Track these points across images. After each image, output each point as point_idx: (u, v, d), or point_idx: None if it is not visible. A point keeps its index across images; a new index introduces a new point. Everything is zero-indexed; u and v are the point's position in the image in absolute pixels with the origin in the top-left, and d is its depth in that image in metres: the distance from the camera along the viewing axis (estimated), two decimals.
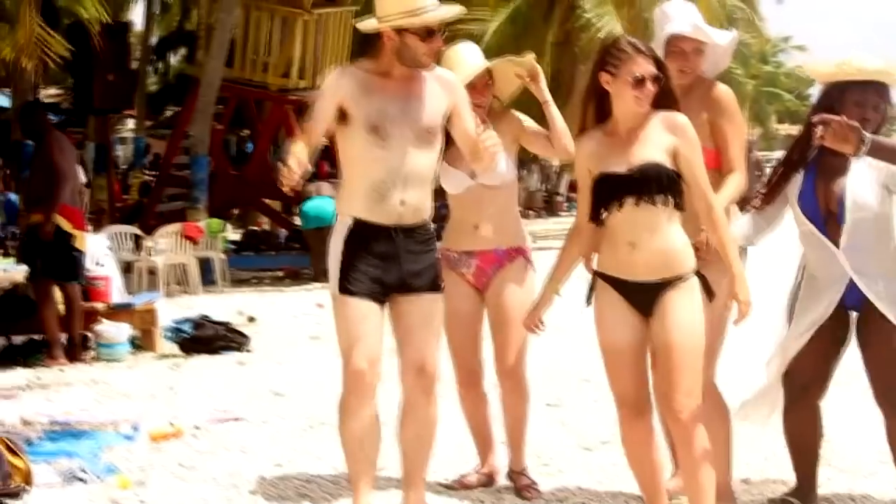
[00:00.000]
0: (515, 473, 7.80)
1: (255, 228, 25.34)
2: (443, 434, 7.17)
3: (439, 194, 7.17)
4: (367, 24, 6.94)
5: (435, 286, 6.85)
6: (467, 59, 7.78)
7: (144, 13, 36.01)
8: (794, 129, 79.17)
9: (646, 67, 6.29)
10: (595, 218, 6.46)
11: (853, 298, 7.05)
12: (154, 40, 38.31)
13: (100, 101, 24.34)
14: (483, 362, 7.98)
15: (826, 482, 7.60)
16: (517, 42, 32.56)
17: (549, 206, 55.29)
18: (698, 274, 6.44)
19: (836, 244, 7.01)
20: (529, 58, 7.78)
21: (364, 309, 6.71)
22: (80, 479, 8.07)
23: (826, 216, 7.08)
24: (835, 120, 6.51)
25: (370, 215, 6.70)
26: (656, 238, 6.36)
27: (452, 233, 7.77)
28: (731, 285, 6.41)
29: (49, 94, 33.47)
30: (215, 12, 24.61)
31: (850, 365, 7.42)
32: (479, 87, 7.56)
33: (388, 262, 6.72)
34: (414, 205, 6.69)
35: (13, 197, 20.65)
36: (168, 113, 37.91)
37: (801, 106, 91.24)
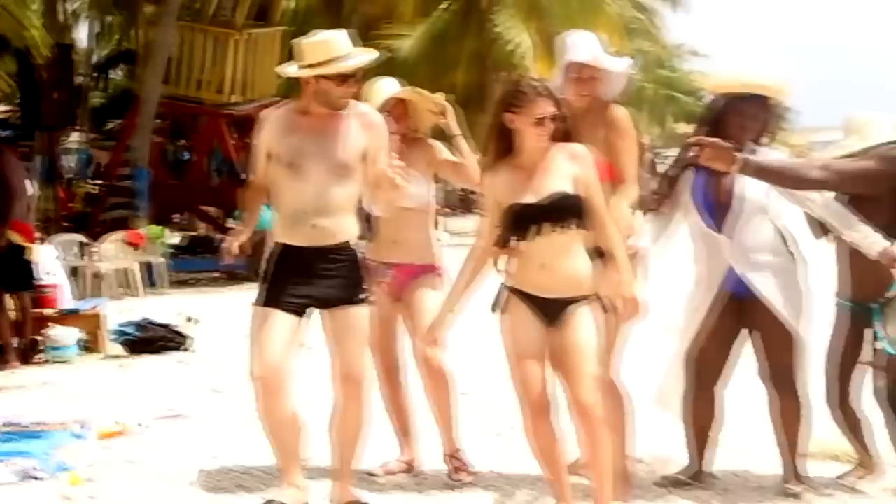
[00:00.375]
0: (448, 456, 7.89)
1: (194, 233, 25.33)
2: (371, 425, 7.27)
3: None
4: (288, 70, 7.20)
5: (355, 299, 6.95)
6: (383, 90, 7.89)
7: (88, 33, 35.95)
8: (691, 128, 79.79)
9: (545, 108, 6.47)
10: (504, 244, 6.64)
11: (744, 288, 7.27)
12: (97, 58, 38.16)
13: (46, 119, 24.39)
14: (399, 359, 8.11)
15: (712, 460, 7.77)
16: (435, 55, 32.71)
17: (465, 205, 55.40)
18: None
19: (726, 235, 7.26)
20: (439, 96, 7.91)
21: (271, 318, 6.91)
22: (34, 478, 8.09)
23: (716, 208, 7.31)
24: (708, 142, 6.74)
25: (290, 239, 6.94)
26: (565, 261, 6.57)
27: (376, 246, 7.83)
28: (618, 286, 6.64)
29: None
30: (153, 33, 24.61)
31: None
32: (396, 116, 7.67)
33: (306, 280, 6.92)
34: (330, 230, 6.85)
35: None
36: (111, 125, 37.69)
37: (696, 106, 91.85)
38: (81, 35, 36.92)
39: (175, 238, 24.39)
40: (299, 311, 6.94)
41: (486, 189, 6.81)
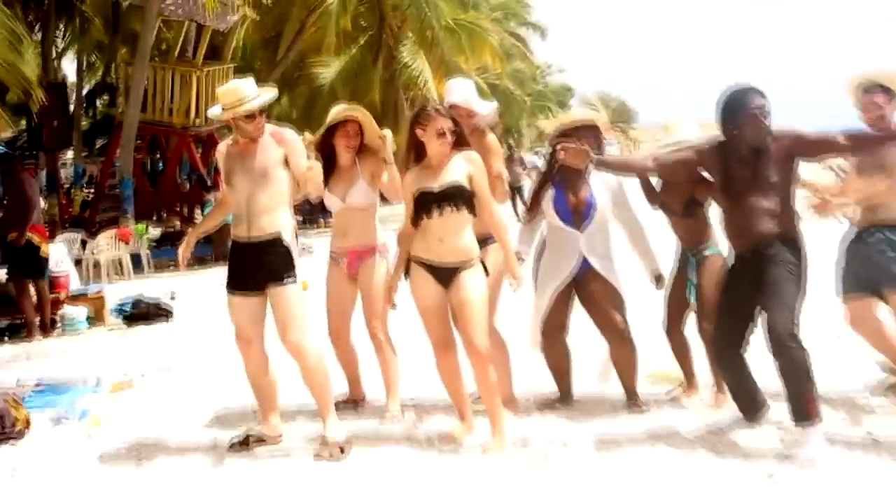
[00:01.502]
0: (387, 413, 7.84)
1: (170, 228, 25.22)
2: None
3: None
4: (211, 113, 7.38)
5: (280, 280, 6.97)
6: (336, 108, 7.90)
7: (77, 69, 35.63)
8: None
9: (445, 123, 6.76)
10: (416, 223, 6.90)
11: (587, 266, 7.59)
12: (85, 90, 37.89)
13: (47, 142, 24.26)
14: (348, 324, 8.12)
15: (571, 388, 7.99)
16: (354, 80, 32.30)
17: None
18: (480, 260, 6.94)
19: (581, 231, 7.55)
20: (385, 132, 7.81)
21: (236, 301, 7.12)
22: (64, 422, 8.26)
23: (574, 215, 7.58)
24: (571, 146, 7.05)
25: (236, 236, 7.11)
26: (456, 236, 6.82)
27: (333, 237, 8.01)
28: (507, 265, 6.93)
29: (6, 135, 33.05)
30: (131, 70, 24.54)
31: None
32: (350, 132, 7.78)
33: (246, 265, 7.06)
34: (259, 226, 6.97)
35: None
36: (98, 144, 37.45)
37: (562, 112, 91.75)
38: (70, 70, 36.69)
39: (155, 233, 24.29)
40: (252, 291, 7.05)
41: (406, 185, 7.01)
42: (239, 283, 7.11)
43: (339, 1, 28.05)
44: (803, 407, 6.38)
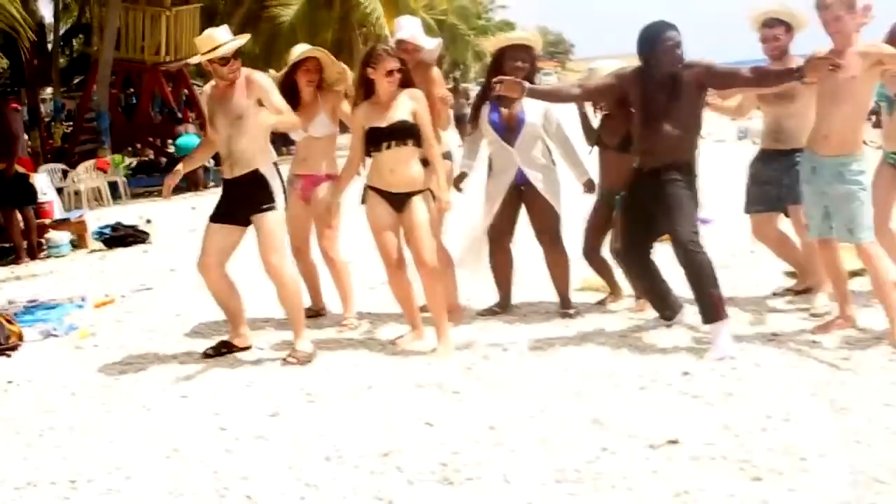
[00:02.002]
0: (342, 319, 7.97)
1: (144, 158, 25.09)
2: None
3: None
4: (190, 60, 7.37)
5: (263, 208, 6.95)
6: (297, 48, 7.95)
7: (53, 10, 35.19)
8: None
9: (393, 64, 6.81)
10: (368, 154, 7.03)
11: (522, 179, 7.64)
12: (62, 30, 37.38)
13: (29, 79, 24.03)
14: (308, 242, 8.15)
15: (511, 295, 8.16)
16: (311, 19, 31.94)
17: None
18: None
19: (512, 146, 7.60)
20: (344, 69, 7.91)
21: (211, 229, 7.13)
22: (54, 335, 8.31)
23: (506, 130, 7.62)
24: (506, 79, 7.10)
25: (222, 174, 7.19)
26: (405, 167, 6.93)
27: (292, 163, 7.99)
28: (438, 189, 6.99)
29: None
30: (104, 12, 24.30)
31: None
32: (311, 69, 7.75)
33: (231, 199, 7.10)
34: (239, 162, 6.96)
35: None
36: (76, 81, 36.99)
37: None
38: (47, 11, 36.19)
39: (131, 162, 24.16)
40: (231, 222, 7.08)
41: (355, 119, 7.06)
42: (222, 215, 7.14)
43: None
44: (711, 307, 6.56)
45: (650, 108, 6.75)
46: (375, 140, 6.96)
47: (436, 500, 4.55)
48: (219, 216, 7.16)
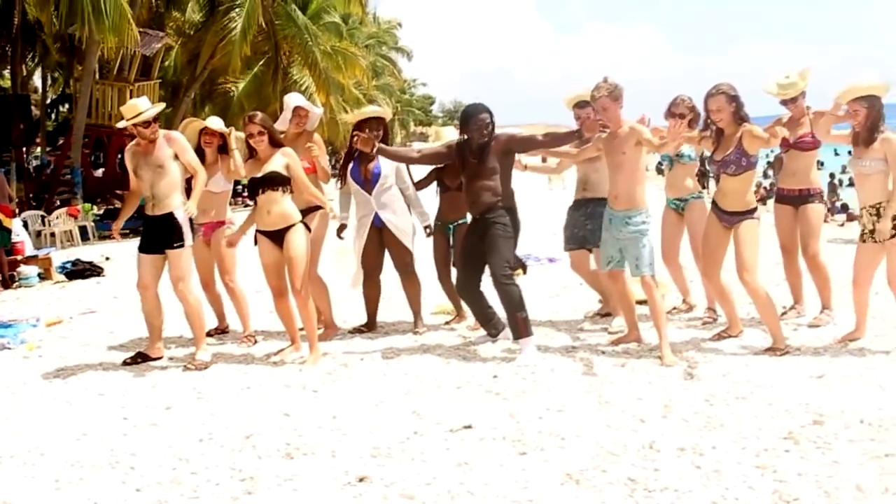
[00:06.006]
0: (243, 337, 8.10)
1: (110, 206, 24.97)
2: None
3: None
4: (119, 124, 7.45)
5: (173, 245, 7.21)
6: (191, 125, 8.23)
7: (41, 83, 35.05)
8: (423, 129, 78.20)
9: (255, 129, 7.18)
10: (253, 200, 7.34)
11: (379, 222, 7.93)
12: (49, 99, 37.24)
13: (15, 141, 23.90)
14: (213, 278, 8.37)
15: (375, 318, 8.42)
16: (257, 93, 32.09)
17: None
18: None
19: (370, 195, 7.90)
20: (230, 130, 7.94)
21: (142, 258, 7.37)
22: (8, 348, 8.43)
23: (365, 182, 7.90)
24: (362, 135, 7.31)
25: (145, 212, 7.36)
26: (279, 207, 7.21)
27: (198, 214, 7.87)
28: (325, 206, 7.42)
29: None
30: (79, 86, 24.33)
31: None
32: (210, 135, 8.07)
33: (150, 233, 7.34)
34: (159, 204, 7.23)
35: None
36: (60, 141, 36.73)
37: (423, 116, 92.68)
38: (38, 83, 36.00)
39: (99, 210, 24.11)
40: (152, 251, 7.30)
41: (248, 175, 7.38)
42: (146, 245, 7.37)
43: (241, 32, 27.77)
44: (518, 327, 6.99)
45: (470, 170, 7.17)
46: (253, 187, 7.27)
47: (276, 470, 4.88)
48: (144, 247, 7.37)
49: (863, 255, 6.97)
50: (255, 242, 7.50)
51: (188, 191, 7.48)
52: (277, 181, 7.21)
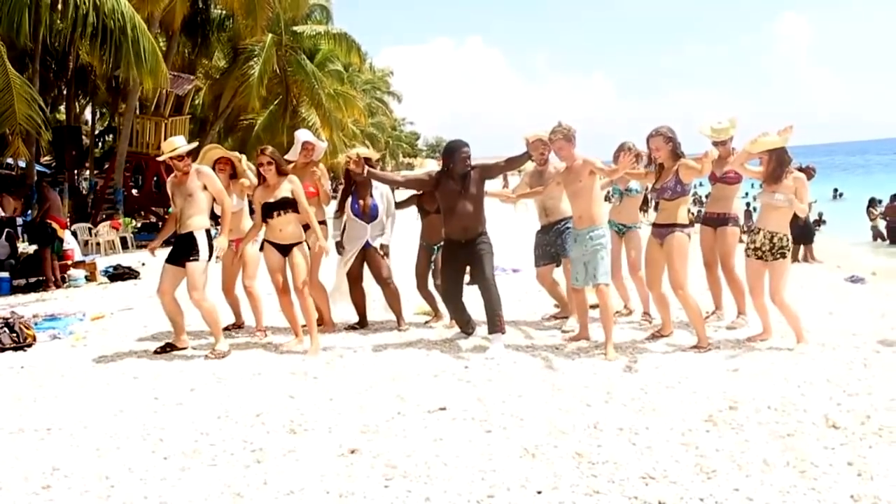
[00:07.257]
0: (256, 333, 7.96)
1: (147, 221, 24.83)
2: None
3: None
4: (160, 157, 7.31)
5: (188, 258, 7.11)
6: (211, 152, 8.11)
7: (91, 117, 34.78)
8: (409, 160, 77.94)
9: (265, 160, 7.16)
10: (265, 221, 7.24)
11: (367, 245, 7.85)
12: (98, 130, 36.93)
13: (68, 165, 23.71)
14: (234, 283, 8.26)
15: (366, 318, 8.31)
16: (272, 128, 31.85)
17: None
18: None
19: (368, 225, 7.81)
20: (243, 158, 8.05)
21: (165, 268, 7.27)
22: (59, 338, 8.37)
23: (362, 212, 7.81)
24: (354, 159, 7.30)
25: (178, 230, 7.27)
26: (288, 227, 7.18)
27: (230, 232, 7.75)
28: (317, 237, 7.26)
29: (45, 159, 32.26)
30: (122, 120, 24.16)
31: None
32: (222, 166, 7.95)
33: (176, 248, 7.25)
34: (184, 225, 7.17)
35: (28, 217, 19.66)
36: (106, 166, 36.42)
37: (412, 149, 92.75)
38: (88, 117, 35.73)
39: (137, 224, 23.93)
40: (175, 263, 7.19)
41: (256, 198, 7.32)
42: (171, 258, 7.29)
43: (258, 77, 27.83)
44: (495, 323, 6.98)
45: (451, 197, 7.16)
46: (268, 210, 7.21)
47: (281, 442, 4.85)
48: (170, 259, 7.31)
49: (750, 269, 6.94)
50: (261, 248, 7.48)
51: (214, 216, 7.46)
52: (287, 205, 7.20)
